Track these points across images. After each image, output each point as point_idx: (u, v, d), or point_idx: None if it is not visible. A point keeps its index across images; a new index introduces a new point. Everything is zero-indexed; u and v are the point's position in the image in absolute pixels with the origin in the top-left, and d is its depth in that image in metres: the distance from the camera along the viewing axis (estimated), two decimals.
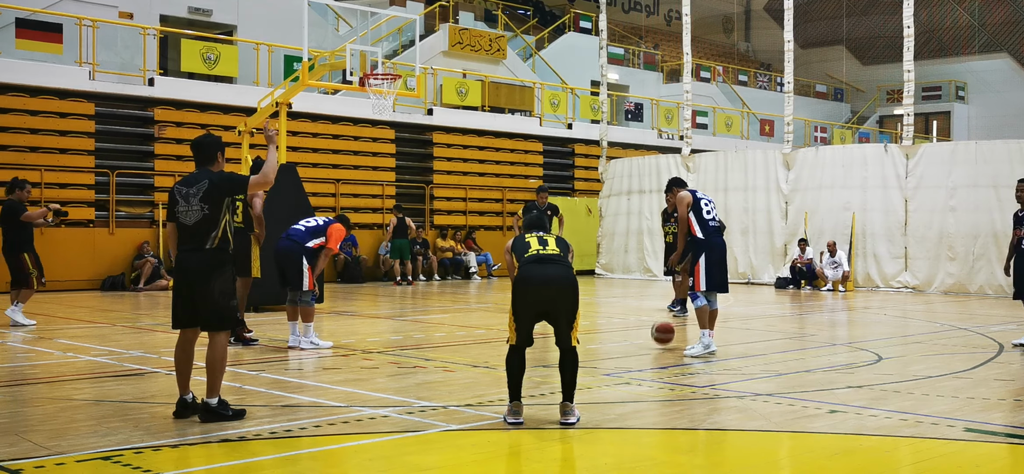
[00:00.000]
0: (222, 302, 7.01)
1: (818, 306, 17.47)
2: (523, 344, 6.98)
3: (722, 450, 6.60)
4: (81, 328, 13.11)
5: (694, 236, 10.47)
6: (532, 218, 7.49)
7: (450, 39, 28.25)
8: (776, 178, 22.73)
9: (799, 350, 11.45)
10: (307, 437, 6.65)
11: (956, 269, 20.15)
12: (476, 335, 12.60)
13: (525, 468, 6.24)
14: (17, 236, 13.17)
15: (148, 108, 21.68)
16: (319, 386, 8.60)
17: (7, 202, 13.34)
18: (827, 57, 47.67)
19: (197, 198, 6.99)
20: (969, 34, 45.76)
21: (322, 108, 23.96)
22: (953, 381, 8.97)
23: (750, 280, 22.90)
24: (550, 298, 6.92)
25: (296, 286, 10.68)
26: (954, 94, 44.40)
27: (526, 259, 7.04)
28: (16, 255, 13.14)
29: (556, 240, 7.25)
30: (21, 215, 13.13)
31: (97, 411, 7.40)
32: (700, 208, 10.48)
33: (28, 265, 13.15)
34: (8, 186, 13.58)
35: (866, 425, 7.06)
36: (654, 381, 9.05)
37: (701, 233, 10.44)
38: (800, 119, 36.28)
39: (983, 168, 19.95)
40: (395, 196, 25.14)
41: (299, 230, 10.86)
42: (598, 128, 27.44)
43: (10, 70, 20.00)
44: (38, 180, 19.82)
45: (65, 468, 5.75)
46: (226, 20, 25.05)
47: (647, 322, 14.35)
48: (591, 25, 35.54)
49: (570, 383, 6.99)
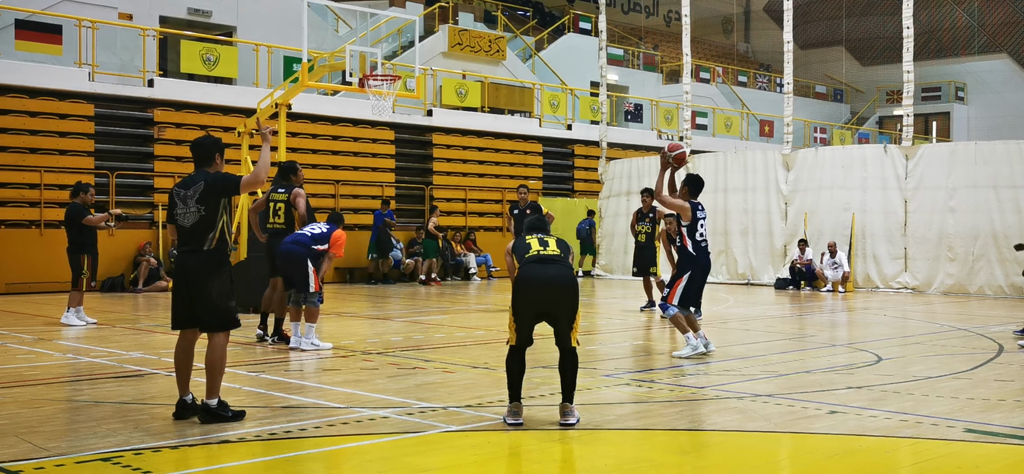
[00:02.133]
0: (220, 303, 7.01)
1: (818, 307, 17.47)
2: (523, 345, 6.99)
3: (722, 451, 6.59)
4: (81, 329, 13.11)
5: (685, 248, 10.46)
6: (532, 220, 7.51)
7: (450, 40, 28.26)
8: (776, 179, 22.73)
9: (799, 351, 11.45)
10: (307, 438, 6.65)
11: (956, 270, 20.15)
12: (476, 336, 12.59)
13: (525, 469, 6.24)
14: (80, 238, 13.61)
15: (148, 109, 21.68)
16: (319, 387, 8.60)
17: (71, 205, 13.80)
18: (827, 58, 47.68)
19: (194, 200, 7.00)
20: (968, 35, 45.77)
21: (322, 109, 23.96)
22: (953, 382, 8.97)
23: (750, 281, 22.89)
24: (551, 298, 6.92)
25: (302, 287, 10.76)
26: (953, 95, 44.41)
27: (527, 259, 7.05)
28: (77, 256, 13.59)
29: (557, 241, 7.26)
30: (82, 219, 13.54)
31: (97, 412, 7.39)
32: (695, 227, 10.41)
33: (83, 266, 13.55)
34: (72, 190, 14.11)
35: (866, 426, 7.06)
36: (654, 382, 9.05)
37: (692, 249, 10.43)
38: (800, 120, 36.29)
39: (983, 169, 19.95)
40: (395, 197, 25.14)
41: (304, 234, 10.98)
42: (598, 129, 27.43)
43: (10, 71, 20.00)
44: (38, 181, 19.84)
45: (65, 469, 5.75)
46: (226, 21, 25.05)
47: (645, 323, 14.37)
48: (590, 26, 35.55)
49: (570, 384, 6.99)
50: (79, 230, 13.57)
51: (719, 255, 22.59)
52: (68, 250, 13.72)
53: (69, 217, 13.67)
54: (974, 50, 45.41)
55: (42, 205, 19.83)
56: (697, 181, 10.62)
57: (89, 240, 13.67)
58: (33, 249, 19.59)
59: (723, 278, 23.00)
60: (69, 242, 13.70)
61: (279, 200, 11.59)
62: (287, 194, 11.51)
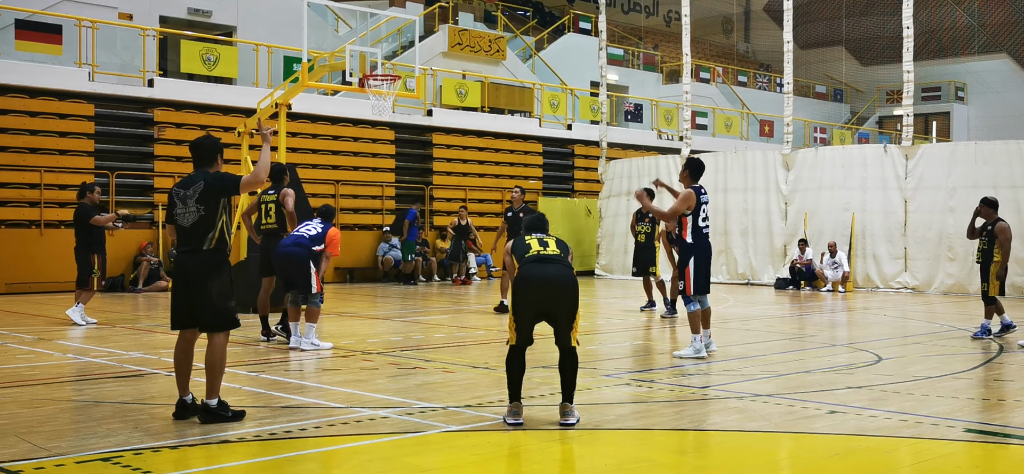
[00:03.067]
0: (220, 303, 7.01)
1: (818, 307, 17.47)
2: (523, 344, 6.99)
3: (722, 451, 6.59)
4: (81, 329, 13.11)
5: (684, 240, 10.42)
6: (532, 219, 7.51)
7: (450, 40, 28.25)
8: (776, 179, 22.74)
9: (799, 351, 11.46)
10: (307, 438, 6.65)
11: (956, 270, 20.15)
12: (476, 336, 12.59)
13: (525, 469, 6.24)
14: (88, 237, 13.74)
15: (148, 109, 21.67)
16: (319, 387, 8.60)
17: (79, 205, 13.93)
18: (826, 58, 47.68)
19: (193, 199, 7.01)
20: (968, 35, 45.76)
21: (322, 109, 23.96)
22: (953, 382, 8.97)
23: (750, 281, 22.90)
24: (551, 298, 6.92)
25: (305, 288, 10.80)
26: (953, 95, 44.41)
27: (527, 259, 7.05)
28: (86, 255, 13.70)
29: (556, 241, 7.26)
30: (90, 219, 13.67)
31: (97, 412, 7.39)
32: (698, 212, 10.34)
33: (93, 265, 13.68)
34: (79, 190, 14.23)
35: (866, 426, 7.06)
36: (654, 382, 9.05)
37: (691, 238, 10.38)
38: (799, 120, 36.29)
39: (982, 169, 19.95)
40: (394, 197, 25.15)
41: (302, 235, 11.01)
42: (598, 129, 27.43)
43: (9, 71, 19.99)
44: (37, 181, 19.83)
45: (65, 469, 5.75)
46: (226, 21, 25.04)
47: (645, 323, 14.36)
48: (590, 26, 35.54)
49: (570, 384, 6.99)
50: (87, 230, 13.67)
51: (719, 255, 22.57)
52: (76, 250, 13.82)
53: (77, 217, 13.79)
54: (974, 50, 45.40)
55: (42, 205, 19.83)
56: (697, 165, 10.58)
57: (97, 239, 13.79)
58: (33, 249, 19.58)
59: (723, 278, 23.00)
60: (77, 242, 13.80)
61: (270, 201, 11.90)
62: (277, 194, 11.75)
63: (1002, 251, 12.05)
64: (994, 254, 12.15)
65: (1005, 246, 12.04)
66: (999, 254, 12.08)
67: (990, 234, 12.23)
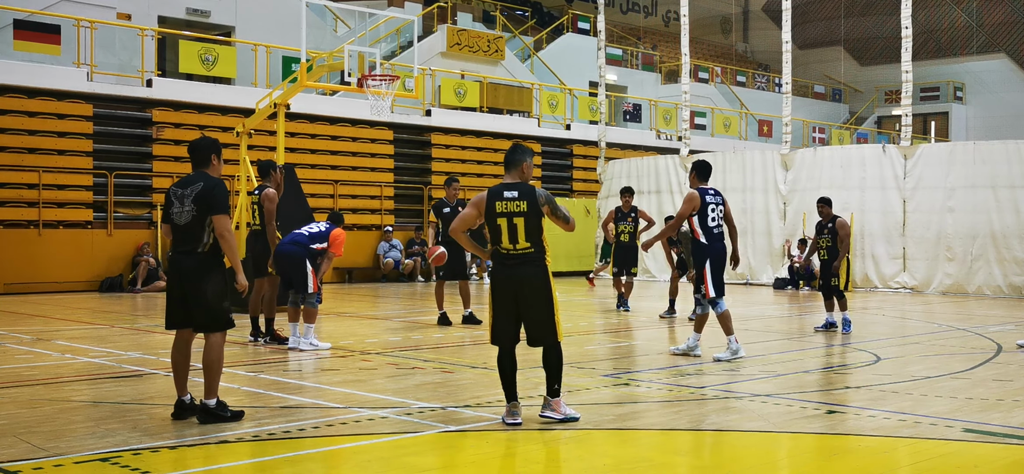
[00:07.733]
0: (215, 303, 7.01)
1: (817, 307, 17.46)
2: (503, 342, 6.98)
3: (721, 451, 6.59)
4: (79, 329, 13.10)
5: (697, 241, 10.38)
6: (509, 157, 7.29)
7: (448, 40, 28.24)
8: (774, 179, 22.74)
9: (798, 351, 11.45)
10: (305, 438, 6.65)
11: (954, 270, 20.15)
12: (474, 336, 12.59)
13: (523, 469, 6.24)
14: None
15: (146, 109, 21.66)
16: (317, 387, 8.60)
17: None
18: (825, 58, 47.68)
19: (190, 200, 7.01)
20: (967, 35, 45.77)
21: (320, 109, 23.95)
22: (951, 382, 8.97)
23: (748, 281, 22.90)
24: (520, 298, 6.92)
25: (301, 288, 10.77)
26: (952, 95, 44.41)
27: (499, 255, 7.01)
28: None
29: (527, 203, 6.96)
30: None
31: (95, 413, 7.39)
32: (705, 212, 10.25)
33: None
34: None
35: (864, 426, 7.06)
36: (652, 382, 9.05)
37: (704, 238, 10.29)
38: (798, 120, 36.29)
39: (981, 169, 19.95)
40: (393, 197, 25.13)
41: (302, 234, 10.99)
42: (596, 129, 27.43)
43: (8, 71, 19.98)
44: (36, 181, 19.82)
45: (63, 469, 5.74)
46: (224, 21, 25.04)
47: (645, 323, 14.36)
48: (589, 26, 35.54)
49: (551, 377, 6.96)
50: None
51: None
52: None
53: None
54: (973, 50, 45.41)
55: (41, 205, 19.81)
56: (703, 166, 10.53)
57: None
58: (32, 249, 19.57)
59: None
60: None
61: (255, 201, 11.57)
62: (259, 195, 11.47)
63: (843, 246, 13.06)
64: (837, 249, 13.12)
65: (845, 241, 13.09)
66: (841, 248, 13.07)
67: (832, 231, 13.20)
